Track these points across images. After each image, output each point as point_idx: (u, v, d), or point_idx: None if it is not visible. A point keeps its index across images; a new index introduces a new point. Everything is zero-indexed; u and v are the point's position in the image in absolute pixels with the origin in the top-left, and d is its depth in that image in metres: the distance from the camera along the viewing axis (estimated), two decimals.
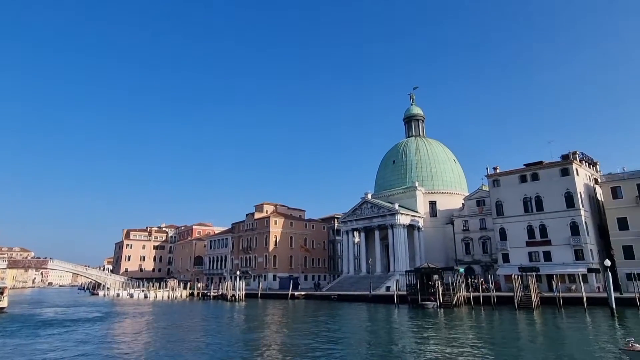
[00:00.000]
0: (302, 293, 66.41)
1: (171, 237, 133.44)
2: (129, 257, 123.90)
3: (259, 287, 72.67)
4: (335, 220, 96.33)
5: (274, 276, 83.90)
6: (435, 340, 23.54)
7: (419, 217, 75.45)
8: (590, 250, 52.17)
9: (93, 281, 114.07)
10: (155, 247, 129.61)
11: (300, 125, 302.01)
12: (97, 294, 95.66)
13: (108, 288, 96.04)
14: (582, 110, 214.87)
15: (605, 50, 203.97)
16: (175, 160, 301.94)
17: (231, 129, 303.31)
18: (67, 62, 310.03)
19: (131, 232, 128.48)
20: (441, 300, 44.22)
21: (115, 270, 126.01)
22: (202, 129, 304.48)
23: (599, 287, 48.53)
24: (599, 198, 57.62)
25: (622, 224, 51.83)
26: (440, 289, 45.17)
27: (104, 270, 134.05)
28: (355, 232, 79.18)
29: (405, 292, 51.02)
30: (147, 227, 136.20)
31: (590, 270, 50.36)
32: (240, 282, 66.97)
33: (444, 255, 72.63)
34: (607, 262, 36.99)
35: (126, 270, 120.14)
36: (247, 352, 20.30)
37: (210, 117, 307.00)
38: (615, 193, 53.28)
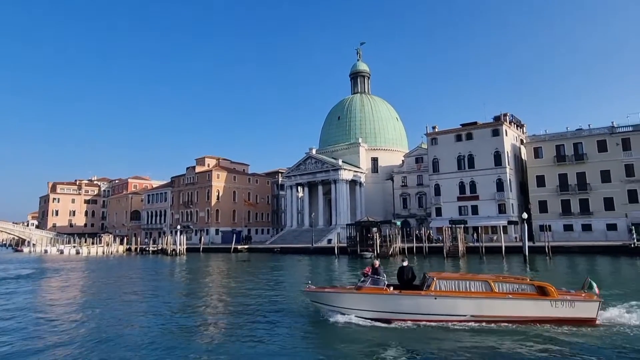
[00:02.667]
0: (245, 246, 66.95)
1: (104, 191, 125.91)
2: (57, 211, 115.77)
3: (200, 241, 71.90)
4: (280, 174, 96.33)
5: (217, 230, 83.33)
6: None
7: (361, 172, 77.68)
8: (512, 204, 57.51)
9: (16, 237, 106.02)
10: (87, 202, 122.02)
11: (245, 77, 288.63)
12: (22, 251, 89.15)
13: (34, 244, 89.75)
14: (516, 74, 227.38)
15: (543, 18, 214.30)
16: (105, 109, 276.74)
17: (168, 80, 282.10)
18: None
19: (58, 185, 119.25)
20: (378, 251, 46.87)
21: (41, 225, 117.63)
22: (135, 78, 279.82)
23: (516, 237, 54.05)
24: (523, 157, 62.80)
25: (540, 181, 57.38)
26: (378, 241, 47.74)
27: (28, 225, 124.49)
28: (299, 187, 80.00)
29: (345, 244, 53.41)
30: (76, 180, 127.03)
31: (510, 222, 55.78)
32: (181, 237, 65.74)
33: (383, 209, 76.25)
34: (525, 215, 41.09)
35: (54, 226, 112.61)
36: (186, 302, 20.25)
37: (145, 67, 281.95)
38: (537, 153, 58.37)
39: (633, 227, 44.64)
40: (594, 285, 13.31)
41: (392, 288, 13.89)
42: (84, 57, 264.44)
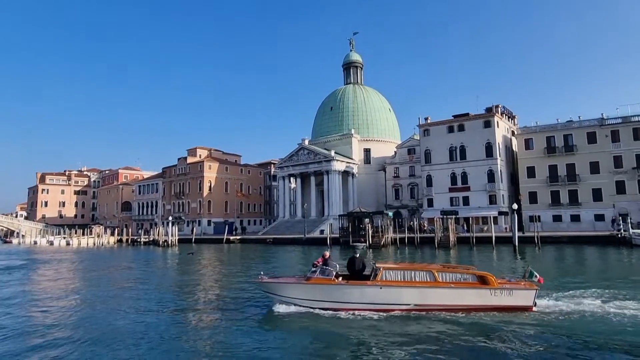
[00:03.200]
0: (238, 237, 66.94)
1: (94, 181, 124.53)
2: (46, 202, 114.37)
3: (192, 232, 71.68)
4: (272, 165, 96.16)
5: (209, 221, 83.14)
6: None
7: (354, 163, 77.77)
8: (502, 195, 58.11)
9: (4, 228, 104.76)
10: (77, 192, 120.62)
11: (238, 67, 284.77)
12: (10, 242, 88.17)
13: (23, 235, 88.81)
14: (508, 65, 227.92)
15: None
16: (95, 99, 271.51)
17: (157, 66, 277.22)
18: None
19: (47, 176, 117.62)
20: (370, 242, 47.15)
21: (30, 216, 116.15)
22: (125, 66, 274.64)
23: (506, 228, 54.72)
24: (514, 148, 63.30)
25: (531, 172, 58.00)
26: (370, 231, 48.00)
27: (16, 217, 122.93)
28: (291, 178, 79.92)
29: (338, 235, 53.63)
30: (65, 171, 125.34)
31: (500, 213, 56.43)
32: (173, 228, 65.47)
33: (375, 200, 76.57)
34: (515, 206, 41.56)
35: (44, 217, 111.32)
36: (177, 293, 20.26)
37: (134, 53, 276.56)
38: (528, 144, 58.89)
39: (620, 217, 45.40)
40: (535, 274, 13.80)
41: (340, 278, 14.16)
42: (76, 43, 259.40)
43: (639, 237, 39.08)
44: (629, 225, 40.94)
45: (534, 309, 13.40)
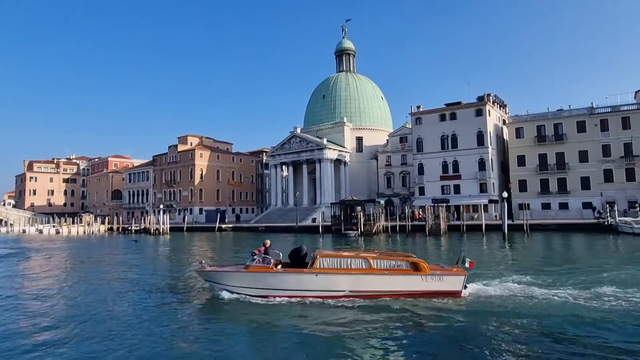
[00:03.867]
0: (230, 225, 66.89)
1: (83, 169, 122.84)
2: (34, 190, 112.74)
3: (184, 220, 71.44)
4: (264, 154, 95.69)
5: (200, 209, 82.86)
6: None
7: (346, 152, 77.74)
8: (493, 183, 58.68)
9: None
10: (66, 180, 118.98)
11: (230, 55, 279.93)
12: None
13: (11, 224, 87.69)
14: (500, 55, 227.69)
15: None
16: (83, 85, 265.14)
17: (147, 52, 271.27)
18: None
19: (34, 164, 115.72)
20: (362, 230, 47.46)
21: (18, 205, 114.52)
22: (115, 52, 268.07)
23: (496, 216, 55.42)
24: (505, 137, 63.71)
25: (521, 160, 58.55)
26: (362, 219, 48.28)
27: (4, 205, 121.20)
28: (283, 166, 79.72)
29: (330, 223, 53.88)
30: (53, 159, 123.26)
31: (490, 201, 57.05)
32: (164, 216, 65.15)
33: (367, 188, 76.83)
34: (505, 194, 42.07)
35: (32, 205, 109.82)
36: (169, 281, 20.24)
37: (123, 37, 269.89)
38: (518, 133, 59.33)
39: (608, 205, 46.18)
40: (467, 260, 14.27)
41: (280, 266, 14.46)
42: (65, 28, 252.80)
43: (625, 224, 39.93)
44: (615, 213, 41.71)
45: (463, 293, 13.82)
